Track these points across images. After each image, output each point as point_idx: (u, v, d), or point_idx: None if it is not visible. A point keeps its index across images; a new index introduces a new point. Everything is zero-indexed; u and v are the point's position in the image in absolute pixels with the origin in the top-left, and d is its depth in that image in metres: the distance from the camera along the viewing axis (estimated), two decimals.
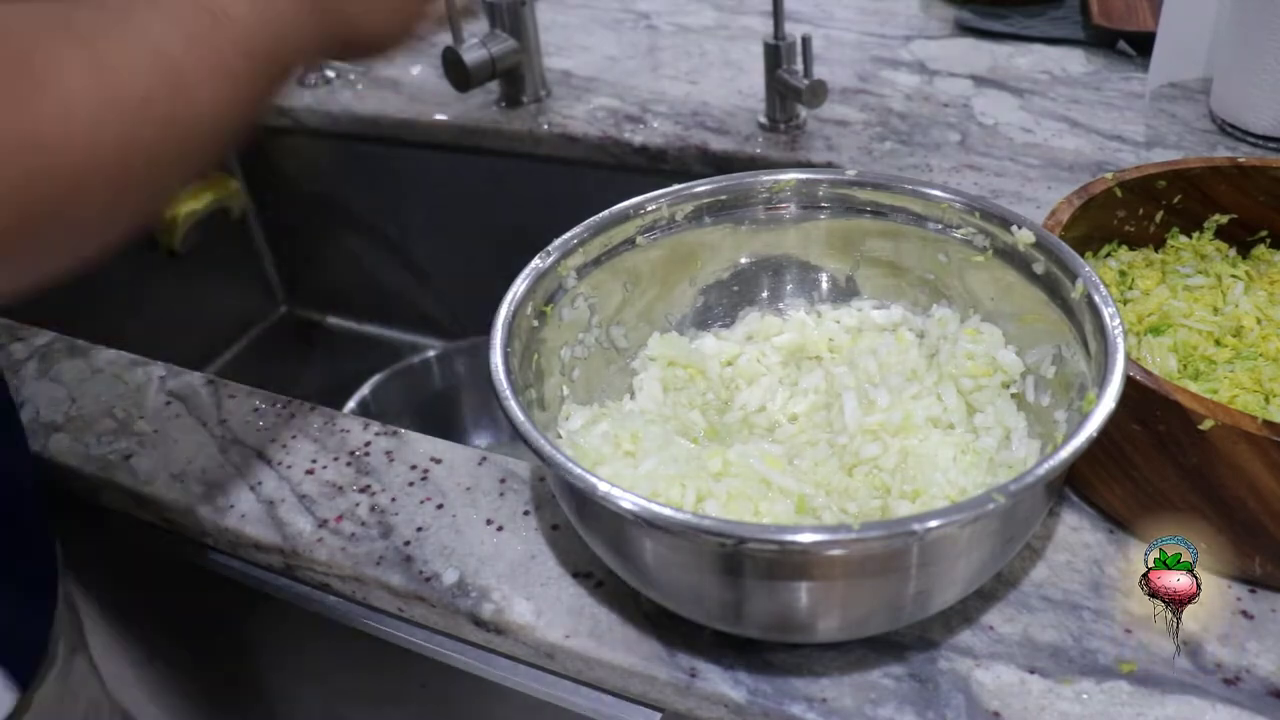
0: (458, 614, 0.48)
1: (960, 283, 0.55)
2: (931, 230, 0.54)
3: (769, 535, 0.37)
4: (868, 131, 0.85)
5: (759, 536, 0.37)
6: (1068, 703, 0.42)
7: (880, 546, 0.38)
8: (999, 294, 0.53)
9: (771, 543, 0.37)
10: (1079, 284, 0.47)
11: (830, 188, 0.56)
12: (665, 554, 0.42)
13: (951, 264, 0.55)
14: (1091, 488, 0.50)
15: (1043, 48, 0.97)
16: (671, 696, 0.45)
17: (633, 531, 0.41)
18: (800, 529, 0.37)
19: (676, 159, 0.87)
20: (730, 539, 0.37)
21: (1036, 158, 0.79)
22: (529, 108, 0.94)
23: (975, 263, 0.53)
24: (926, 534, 0.37)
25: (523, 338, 0.49)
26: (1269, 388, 0.49)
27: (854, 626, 0.44)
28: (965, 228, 0.53)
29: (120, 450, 0.59)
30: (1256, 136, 0.78)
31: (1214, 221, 0.59)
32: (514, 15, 0.91)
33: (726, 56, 1.02)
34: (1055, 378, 0.49)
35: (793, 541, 0.37)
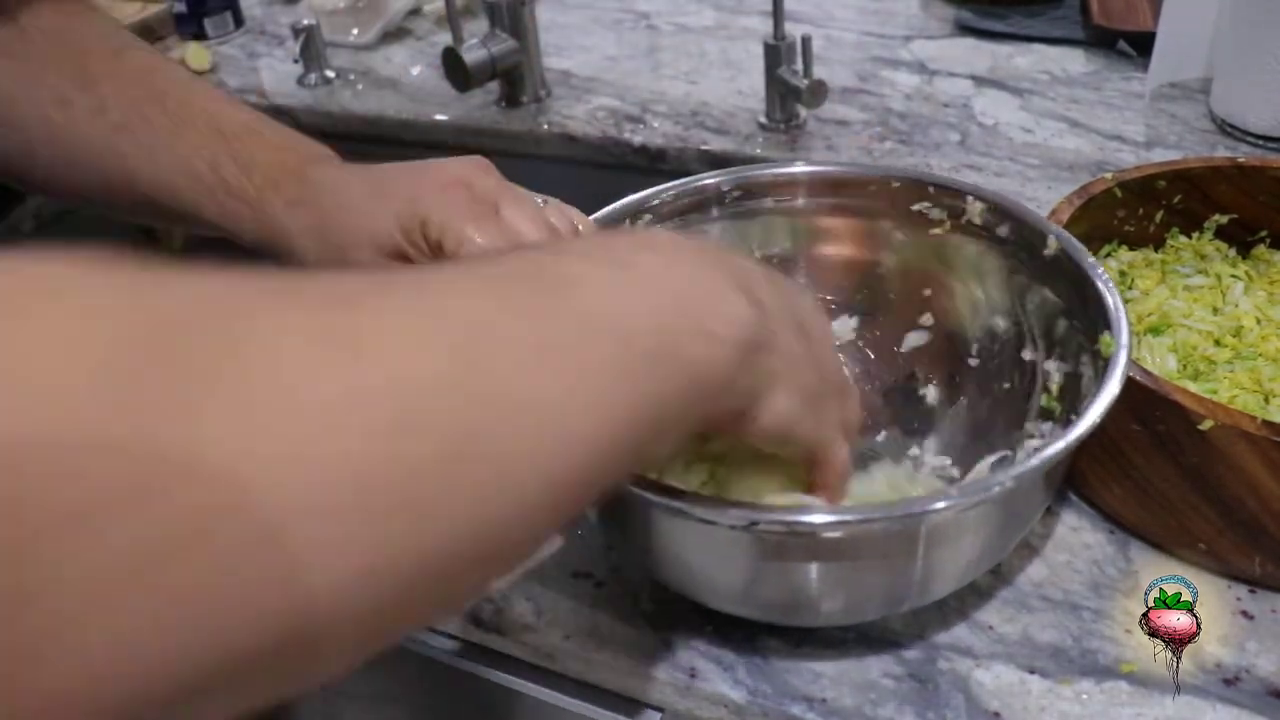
0: (457, 614, 0.48)
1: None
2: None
3: (779, 517, 0.39)
4: (868, 131, 0.85)
5: (769, 518, 0.38)
6: (1068, 703, 0.42)
7: (884, 529, 0.39)
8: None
9: (780, 524, 0.38)
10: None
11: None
12: (674, 535, 0.42)
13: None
14: (1091, 488, 0.50)
15: (1043, 48, 0.97)
16: (671, 696, 0.45)
17: (642, 512, 0.42)
18: (809, 510, 0.38)
19: (676, 159, 0.87)
20: (740, 521, 0.38)
21: (1036, 158, 0.79)
22: (529, 108, 0.94)
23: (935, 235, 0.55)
24: (930, 516, 0.38)
25: None
26: (1269, 388, 0.49)
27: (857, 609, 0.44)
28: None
29: None
30: (1256, 136, 0.77)
31: (1214, 221, 0.59)
32: (514, 15, 0.91)
33: (726, 56, 1.02)
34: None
35: (801, 522, 0.38)
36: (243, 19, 1.12)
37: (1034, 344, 0.52)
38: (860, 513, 0.39)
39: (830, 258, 0.58)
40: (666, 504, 0.39)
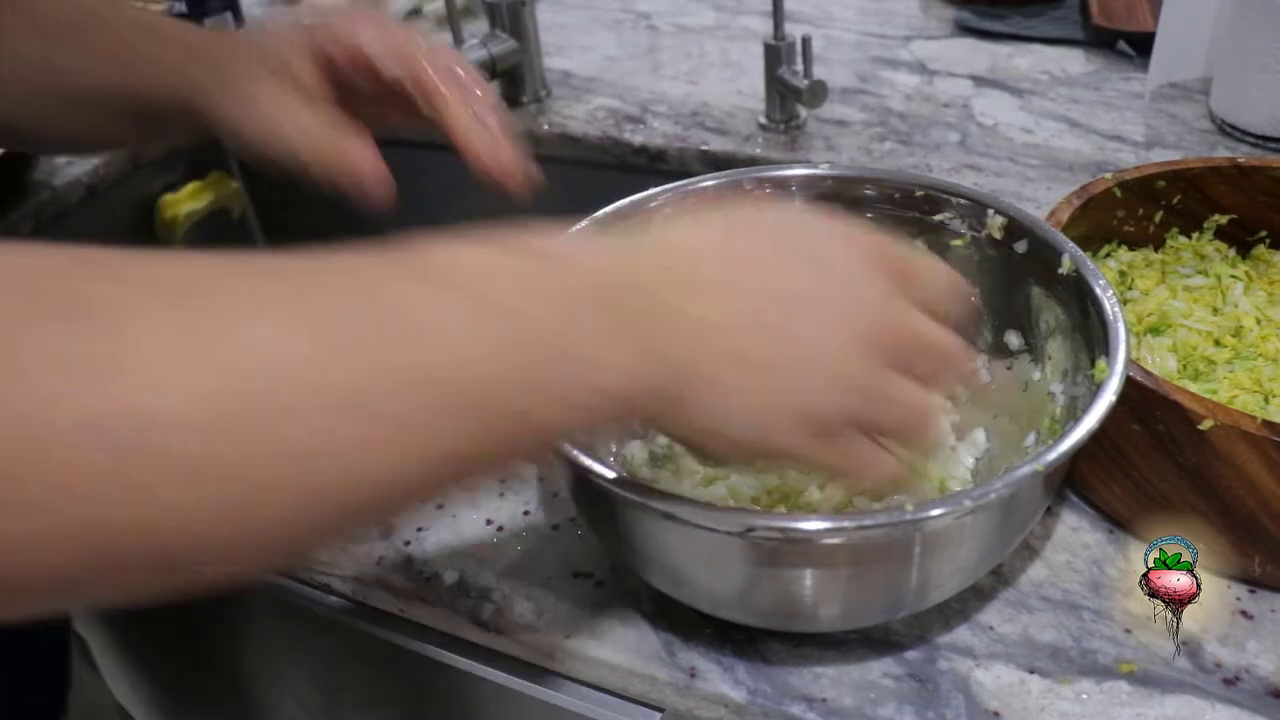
0: (458, 614, 0.48)
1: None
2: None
3: (775, 523, 0.38)
4: (868, 131, 0.85)
5: (765, 524, 0.38)
6: (1067, 703, 0.42)
7: (881, 535, 0.39)
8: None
9: (777, 530, 0.38)
10: (1066, 259, 0.48)
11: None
12: (670, 540, 0.42)
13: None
14: (1091, 487, 0.50)
15: (1042, 48, 0.97)
16: (671, 696, 0.45)
17: (638, 518, 0.42)
18: (806, 517, 0.38)
19: (676, 159, 0.87)
20: (736, 527, 0.38)
21: (1036, 158, 0.79)
22: (529, 108, 0.94)
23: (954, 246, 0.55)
24: (927, 523, 0.38)
25: None
26: (1268, 388, 0.49)
27: (854, 615, 0.44)
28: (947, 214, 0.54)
29: None
30: (1256, 136, 0.78)
31: (1214, 222, 0.59)
32: (514, 15, 0.91)
33: (726, 56, 1.02)
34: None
35: (797, 529, 0.38)
36: (243, 19, 1.11)
37: (1042, 366, 0.52)
38: (858, 519, 0.39)
39: None
40: (663, 510, 0.38)
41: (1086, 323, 0.47)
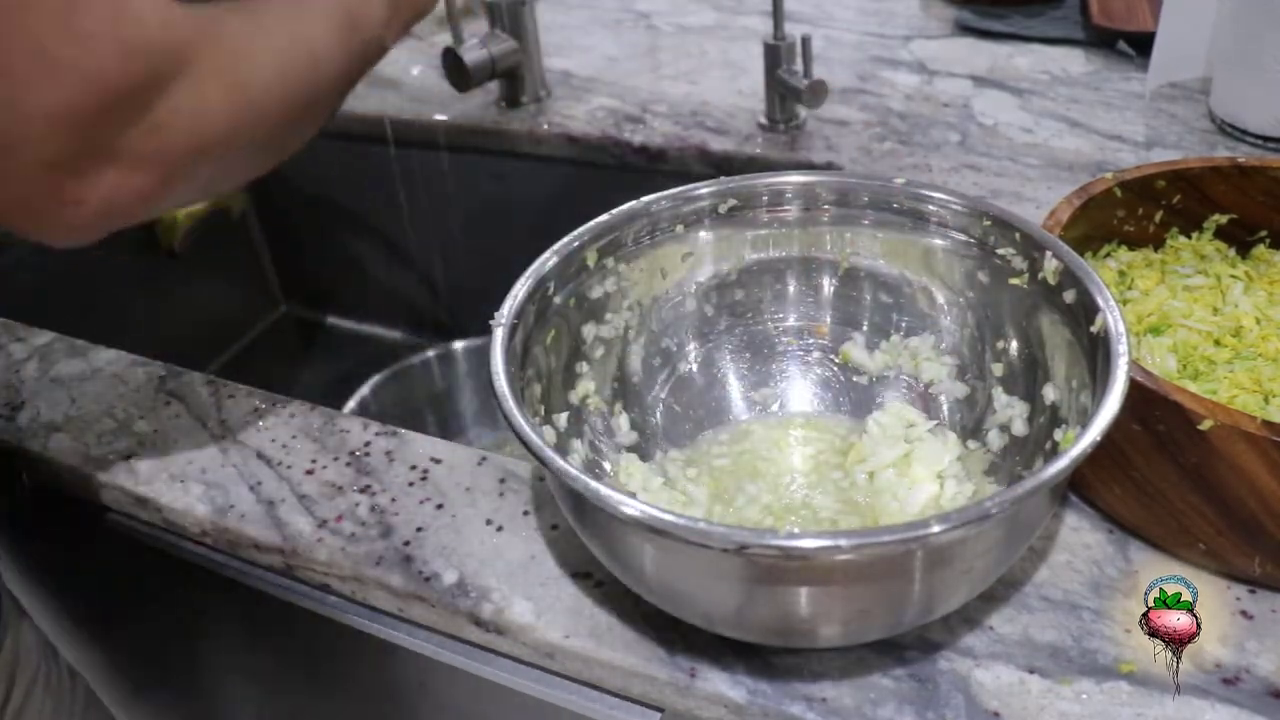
0: (457, 614, 0.48)
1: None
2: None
3: (770, 541, 0.37)
4: (867, 131, 0.85)
5: (759, 542, 0.37)
6: (1067, 703, 0.42)
7: (883, 552, 0.37)
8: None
9: (772, 548, 0.37)
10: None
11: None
12: (664, 559, 0.41)
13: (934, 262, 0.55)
14: (1091, 488, 0.50)
15: (1042, 48, 0.97)
16: (671, 696, 0.45)
17: (632, 536, 0.41)
18: (803, 534, 0.36)
19: (676, 159, 0.87)
20: (731, 544, 0.37)
21: (1036, 158, 0.79)
22: (529, 108, 0.94)
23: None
24: (930, 540, 0.36)
25: (523, 338, 0.49)
26: (1268, 388, 0.49)
27: (855, 633, 0.44)
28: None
29: (120, 450, 0.59)
30: (1256, 136, 0.78)
31: (1213, 221, 0.59)
32: (514, 15, 0.91)
33: (726, 56, 1.02)
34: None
35: (795, 547, 0.36)
36: None
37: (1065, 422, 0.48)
38: (857, 537, 0.37)
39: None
40: (659, 526, 0.37)
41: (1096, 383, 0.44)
